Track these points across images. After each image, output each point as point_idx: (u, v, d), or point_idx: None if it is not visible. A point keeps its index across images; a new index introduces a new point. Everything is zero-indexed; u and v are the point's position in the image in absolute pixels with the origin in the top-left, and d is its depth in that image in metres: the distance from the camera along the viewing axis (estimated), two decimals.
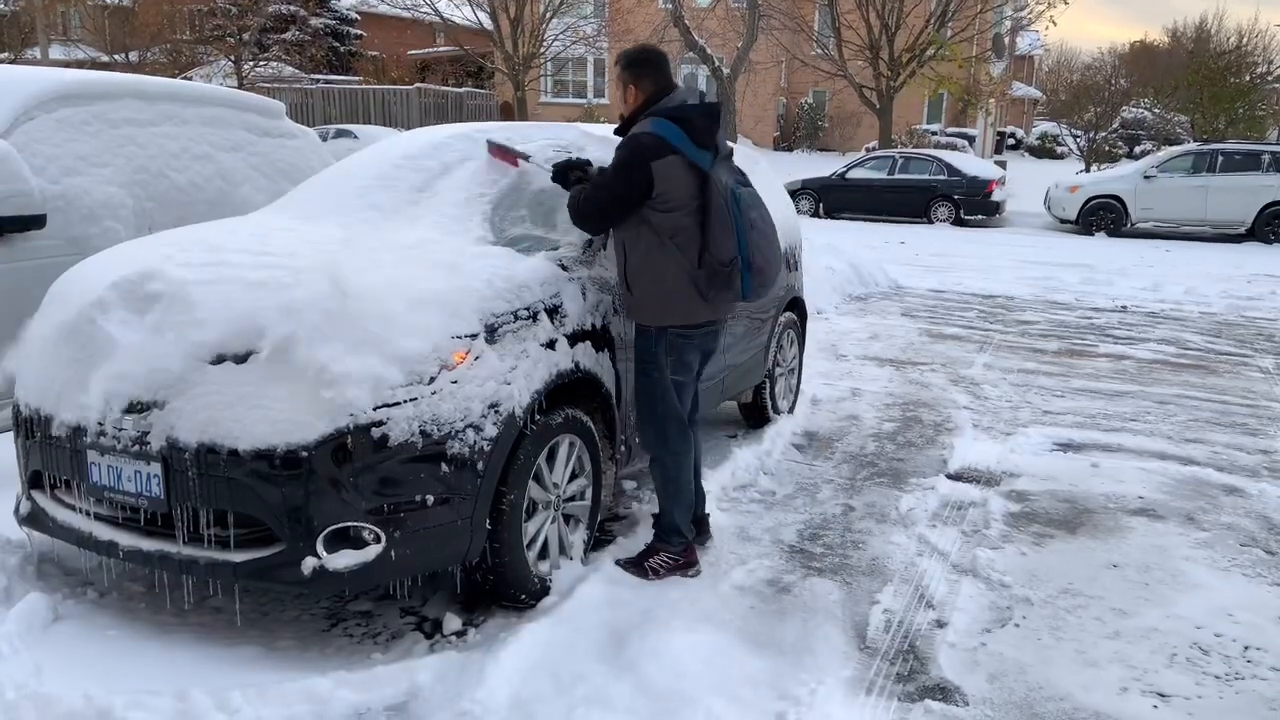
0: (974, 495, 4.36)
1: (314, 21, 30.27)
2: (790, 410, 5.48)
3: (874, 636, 3.09)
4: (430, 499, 2.73)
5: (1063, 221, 17.80)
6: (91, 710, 2.44)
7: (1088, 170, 24.13)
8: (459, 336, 2.82)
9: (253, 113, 5.67)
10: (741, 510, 4.09)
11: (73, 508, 2.93)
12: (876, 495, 4.35)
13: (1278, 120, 30.39)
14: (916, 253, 13.89)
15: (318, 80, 29.97)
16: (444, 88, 31.17)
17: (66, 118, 4.51)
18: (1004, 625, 3.19)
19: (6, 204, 4.00)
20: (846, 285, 10.14)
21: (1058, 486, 4.50)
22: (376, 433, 2.64)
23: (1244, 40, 32.53)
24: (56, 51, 27.88)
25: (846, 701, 2.71)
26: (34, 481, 3.07)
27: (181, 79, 13.47)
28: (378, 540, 2.68)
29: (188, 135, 5.13)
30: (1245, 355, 7.70)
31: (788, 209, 5.48)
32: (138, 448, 2.70)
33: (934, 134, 29.32)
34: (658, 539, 3.46)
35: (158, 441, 2.67)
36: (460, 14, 26.48)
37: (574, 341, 3.23)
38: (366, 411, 2.63)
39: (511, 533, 2.97)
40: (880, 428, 5.41)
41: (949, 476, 4.62)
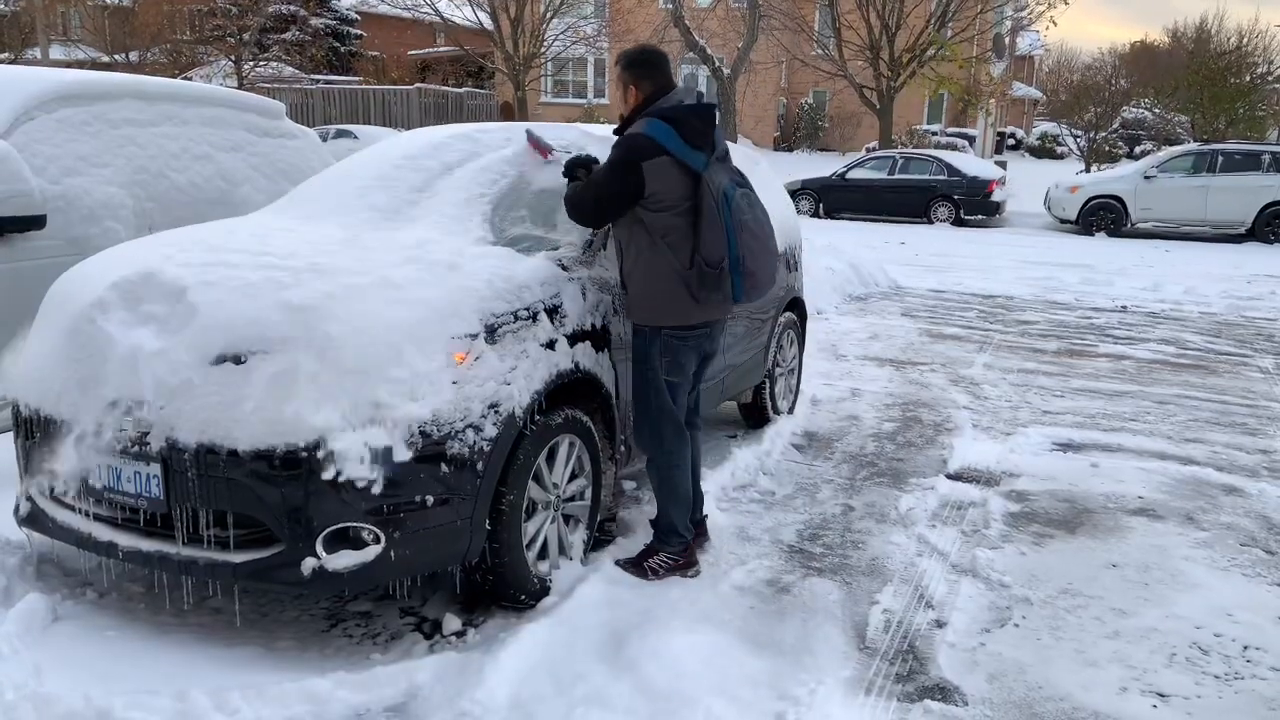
0: (974, 495, 4.36)
1: (314, 22, 30.28)
2: (790, 410, 5.48)
3: (873, 636, 3.09)
4: (430, 499, 2.73)
5: (1063, 221, 17.80)
6: (91, 711, 2.44)
7: (1088, 170, 24.12)
8: (459, 337, 2.82)
9: (253, 113, 5.67)
10: (741, 510, 4.09)
11: (72, 508, 2.93)
12: (876, 495, 4.35)
13: (1278, 120, 30.38)
14: (916, 253, 13.89)
15: (318, 80, 30.00)
16: (444, 88, 31.17)
17: (67, 118, 4.51)
18: (1003, 625, 3.20)
19: (6, 204, 4.00)
20: (846, 285, 10.14)
21: (1057, 486, 4.50)
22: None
23: (1244, 40, 32.58)
24: (57, 51, 27.91)
25: (846, 701, 2.71)
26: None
27: (181, 79, 13.48)
28: (377, 540, 2.68)
29: (188, 135, 5.13)
30: (1245, 355, 7.70)
31: (787, 209, 5.48)
32: (137, 448, 2.70)
33: (934, 134, 29.33)
34: (657, 539, 3.46)
35: (157, 442, 2.67)
36: (460, 14, 26.51)
37: (574, 341, 3.23)
38: (367, 411, 2.63)
39: (511, 533, 2.97)
40: (880, 428, 5.41)
41: (949, 476, 4.62)
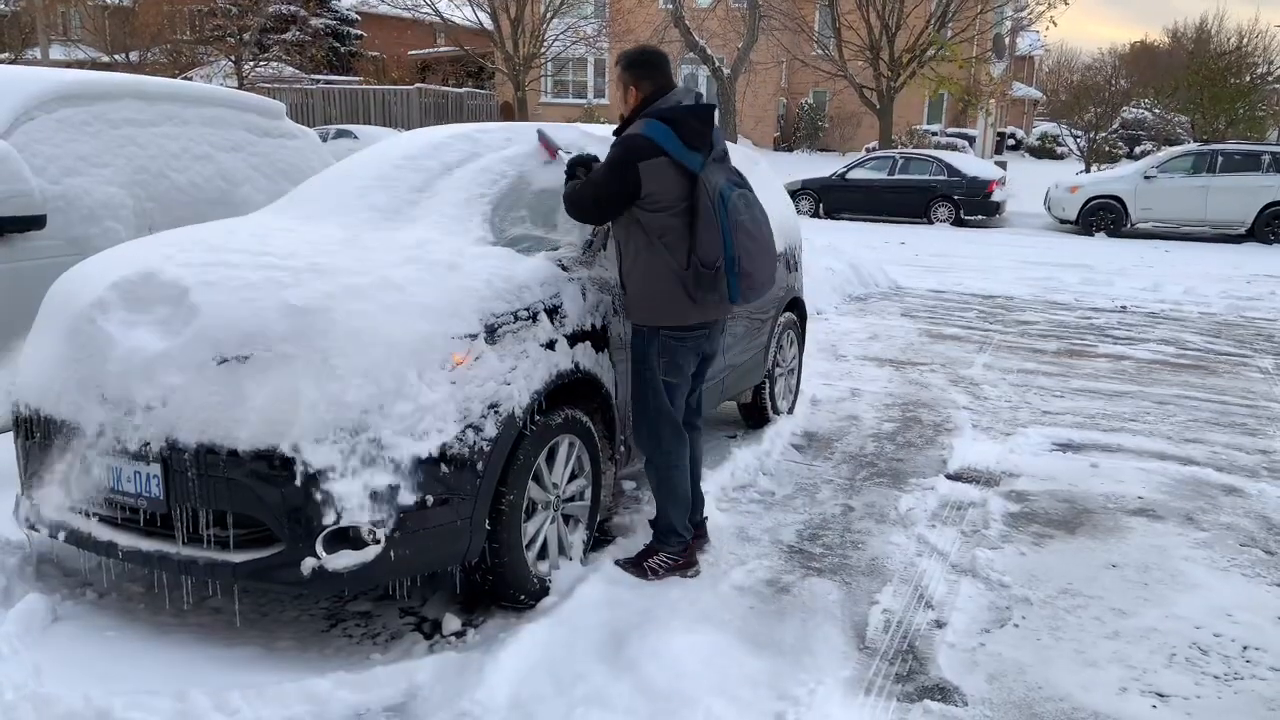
0: (973, 495, 4.36)
1: (314, 22, 30.27)
2: (790, 410, 5.48)
3: (873, 637, 3.09)
4: (430, 499, 2.73)
5: (1063, 222, 17.80)
6: (90, 711, 2.44)
7: (1088, 170, 24.12)
8: (458, 337, 2.83)
9: (253, 113, 5.68)
10: (741, 510, 4.09)
11: (72, 508, 2.92)
12: (876, 495, 4.35)
13: (1278, 121, 30.37)
14: (916, 253, 13.89)
15: (318, 80, 30.00)
16: (444, 88, 31.17)
17: (67, 118, 4.51)
18: (1003, 625, 3.20)
19: (7, 204, 4.00)
20: (846, 285, 10.14)
21: (1057, 487, 4.50)
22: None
23: (1244, 41, 32.57)
24: (57, 52, 27.91)
25: (845, 702, 2.71)
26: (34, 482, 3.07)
27: (182, 79, 13.48)
28: (377, 540, 2.68)
29: (188, 135, 5.13)
30: (1245, 355, 7.70)
31: (787, 209, 5.48)
32: (137, 448, 2.70)
33: (934, 134, 29.32)
34: (656, 540, 3.46)
35: (157, 442, 2.68)
36: (460, 14, 26.51)
37: (574, 342, 3.23)
38: (367, 411, 2.63)
39: (511, 533, 2.97)
40: (880, 428, 5.41)
41: (948, 477, 4.63)
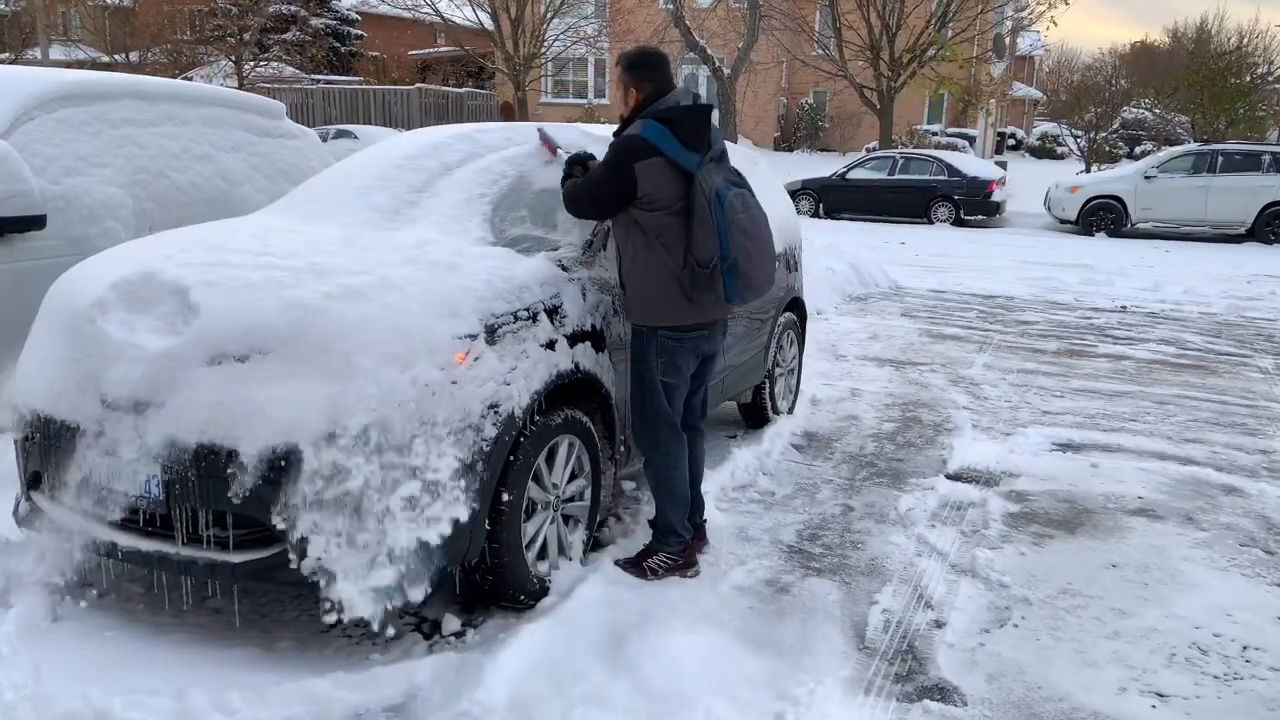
0: (973, 495, 4.36)
1: (314, 22, 30.27)
2: (790, 410, 5.48)
3: (873, 637, 3.09)
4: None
5: (1063, 222, 17.79)
6: (90, 711, 2.45)
7: (1088, 170, 24.12)
8: (459, 337, 2.82)
9: (253, 113, 5.68)
10: (741, 510, 4.09)
11: (72, 509, 2.92)
12: (876, 495, 4.35)
13: (1278, 121, 30.37)
14: (916, 253, 13.89)
15: (318, 80, 29.98)
16: (444, 88, 31.17)
17: (67, 118, 4.52)
18: (1003, 625, 3.20)
19: (7, 204, 4.01)
20: (846, 285, 10.14)
21: (1057, 487, 4.50)
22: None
23: (1244, 41, 32.56)
24: (57, 52, 27.91)
25: (845, 702, 2.71)
26: (33, 482, 3.07)
27: (182, 79, 13.48)
28: None
29: (188, 135, 5.14)
30: (1245, 355, 7.70)
31: (787, 209, 5.48)
32: (136, 448, 2.69)
33: (934, 134, 29.33)
34: (655, 540, 3.46)
35: (157, 442, 2.67)
36: (461, 14, 26.50)
37: (574, 342, 3.23)
38: (367, 411, 2.63)
39: (511, 533, 2.97)
40: (880, 428, 5.41)
41: (948, 477, 4.63)
